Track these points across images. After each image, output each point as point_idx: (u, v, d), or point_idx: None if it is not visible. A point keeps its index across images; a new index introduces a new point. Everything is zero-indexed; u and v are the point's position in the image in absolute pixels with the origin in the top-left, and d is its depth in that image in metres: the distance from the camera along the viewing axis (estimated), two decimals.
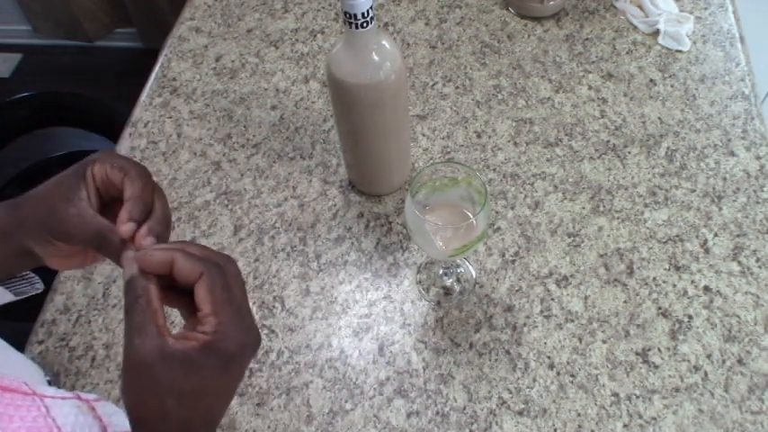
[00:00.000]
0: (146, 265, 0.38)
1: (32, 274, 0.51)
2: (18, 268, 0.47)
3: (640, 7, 0.88)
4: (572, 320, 0.64)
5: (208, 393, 0.37)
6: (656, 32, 0.86)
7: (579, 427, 0.58)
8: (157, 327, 0.36)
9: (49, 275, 0.71)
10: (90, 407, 0.40)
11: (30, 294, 0.51)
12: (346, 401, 0.60)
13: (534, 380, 0.60)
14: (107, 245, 0.41)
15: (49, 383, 0.61)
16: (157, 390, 0.35)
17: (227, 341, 0.36)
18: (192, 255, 0.38)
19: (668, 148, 0.75)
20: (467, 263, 0.68)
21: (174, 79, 0.88)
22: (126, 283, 0.38)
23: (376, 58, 0.58)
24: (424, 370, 0.62)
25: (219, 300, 0.36)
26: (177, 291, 0.39)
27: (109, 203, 0.44)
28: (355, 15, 0.53)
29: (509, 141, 0.77)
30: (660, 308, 0.64)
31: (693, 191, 0.72)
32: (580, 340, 0.62)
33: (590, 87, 0.82)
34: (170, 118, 0.84)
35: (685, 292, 0.65)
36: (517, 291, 0.66)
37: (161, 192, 0.44)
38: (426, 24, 0.90)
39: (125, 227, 0.40)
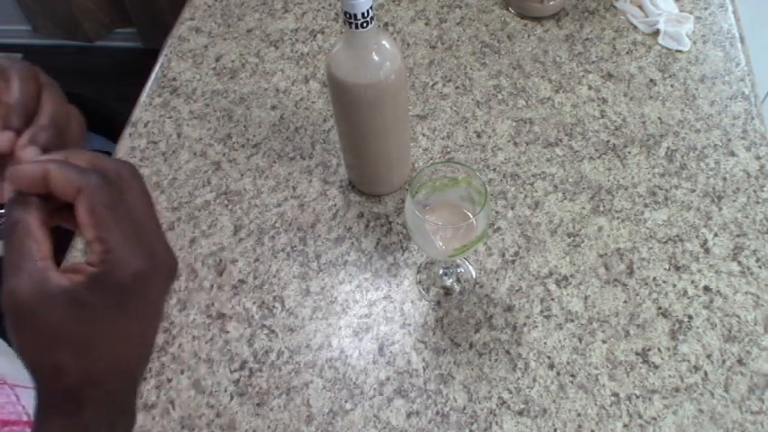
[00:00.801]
0: (17, 181, 0.31)
1: None
2: None
3: (640, 7, 0.88)
4: (572, 320, 0.64)
5: (107, 339, 0.30)
6: (656, 32, 0.86)
7: (579, 427, 0.58)
8: (36, 261, 0.29)
9: None
10: None
11: None
12: (346, 401, 0.60)
13: (534, 380, 0.60)
14: None
15: None
16: (43, 338, 0.29)
17: (117, 270, 0.30)
18: (70, 165, 0.31)
19: (668, 148, 0.75)
20: (467, 263, 0.68)
21: (174, 79, 0.88)
22: (5, 209, 0.31)
23: (376, 58, 0.58)
24: (424, 370, 0.62)
25: (103, 221, 0.30)
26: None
27: None
28: (355, 15, 0.53)
29: (509, 141, 0.77)
30: (660, 308, 0.64)
31: (693, 191, 0.72)
32: (580, 340, 0.62)
33: (590, 87, 0.82)
34: (170, 118, 0.84)
35: (685, 292, 0.65)
36: (517, 291, 0.66)
37: (52, 90, 0.37)
38: (426, 24, 0.90)
39: (0, 137, 0.34)
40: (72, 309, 0.29)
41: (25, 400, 0.36)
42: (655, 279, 0.66)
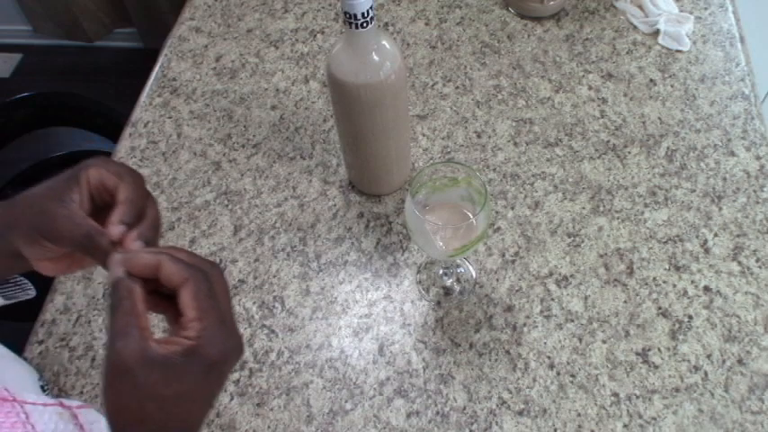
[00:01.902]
0: (132, 267, 0.38)
1: (25, 280, 0.51)
2: (7, 271, 0.47)
3: (640, 7, 0.88)
4: (572, 320, 0.64)
5: (188, 399, 0.36)
6: (656, 32, 0.86)
7: (579, 427, 0.58)
8: (140, 330, 0.35)
9: (45, 278, 0.71)
10: (72, 414, 0.40)
11: (21, 299, 0.51)
12: (346, 401, 0.60)
13: (534, 380, 0.60)
14: (95, 247, 0.40)
15: (43, 389, 0.61)
16: (137, 394, 0.35)
17: (209, 347, 0.36)
18: (179, 259, 0.38)
19: (668, 148, 0.75)
20: (467, 263, 0.68)
21: (174, 79, 0.88)
22: (111, 285, 0.37)
23: (376, 58, 0.58)
24: (424, 370, 0.62)
25: (203, 306, 0.36)
26: (162, 296, 0.39)
27: (101, 209, 0.44)
28: (355, 15, 0.53)
29: (509, 141, 0.77)
30: (660, 308, 0.64)
31: (693, 191, 0.72)
32: (580, 340, 0.62)
33: (590, 87, 0.82)
34: (170, 118, 0.84)
35: (685, 292, 0.65)
36: (517, 291, 0.66)
37: (153, 200, 0.44)
38: (426, 24, 0.90)
39: (115, 228, 0.40)
40: (167, 372, 0.35)
41: (35, 419, 0.36)
42: (655, 279, 0.66)
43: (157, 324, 0.64)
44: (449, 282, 0.67)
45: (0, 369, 0.55)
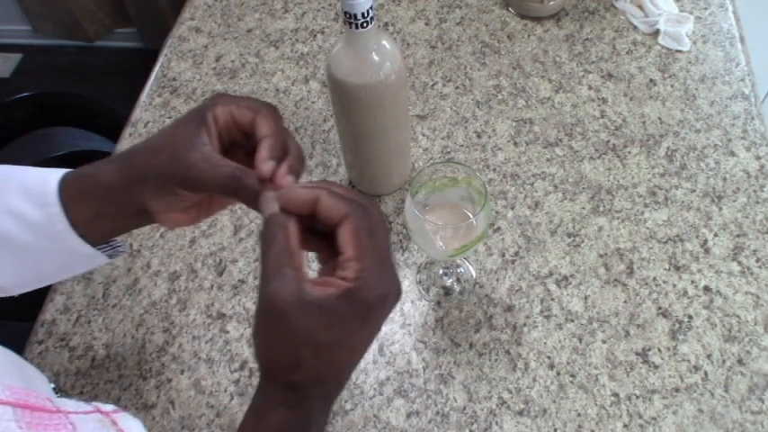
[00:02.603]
0: (289, 203, 0.35)
1: (115, 239, 0.48)
2: (127, 228, 0.46)
3: (640, 7, 0.88)
4: (572, 320, 0.64)
5: (344, 346, 0.34)
6: (656, 32, 0.86)
7: (579, 427, 0.58)
8: (295, 270, 0.33)
9: None
10: (111, 420, 0.39)
11: (119, 257, 0.49)
12: (346, 401, 0.60)
13: (534, 380, 0.60)
14: (243, 188, 0.38)
15: (55, 391, 0.61)
16: (292, 339, 0.33)
17: (368, 289, 0.33)
18: (338, 194, 0.35)
19: (668, 148, 0.75)
20: (467, 263, 0.68)
21: (174, 79, 0.88)
22: (264, 222, 0.35)
23: (376, 58, 0.58)
24: (424, 370, 0.62)
25: (364, 244, 0.34)
26: (315, 234, 0.37)
27: (229, 149, 0.42)
28: (355, 15, 0.53)
29: (509, 141, 0.77)
30: (660, 308, 0.64)
31: (693, 191, 0.72)
32: (580, 340, 0.62)
33: (590, 87, 0.82)
34: (170, 118, 0.84)
35: (685, 292, 0.65)
36: (517, 291, 0.66)
37: (289, 133, 0.42)
38: (426, 24, 0.90)
39: (266, 165, 0.38)
40: (323, 316, 0.33)
41: (81, 428, 0.35)
42: (655, 279, 0.66)
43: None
44: (449, 282, 0.67)
45: (21, 374, 0.54)
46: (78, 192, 0.42)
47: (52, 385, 0.61)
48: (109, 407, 0.40)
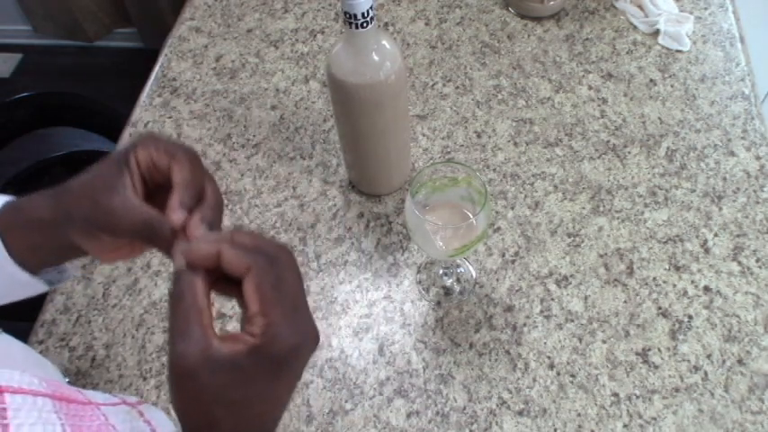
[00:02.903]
0: (192, 259, 0.35)
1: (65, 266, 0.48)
2: (63, 260, 0.45)
3: (640, 7, 0.88)
4: (572, 320, 0.64)
5: (258, 400, 0.34)
6: (656, 32, 0.86)
7: (579, 427, 0.58)
8: (202, 327, 0.33)
9: None
10: (138, 411, 0.39)
11: (61, 283, 0.48)
12: (346, 401, 0.60)
13: (534, 380, 0.60)
14: (156, 236, 0.38)
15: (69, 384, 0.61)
16: (204, 398, 0.32)
17: (276, 344, 0.32)
18: (241, 246, 0.34)
19: (668, 148, 0.75)
20: (467, 263, 0.68)
21: (174, 79, 0.88)
22: (173, 278, 0.35)
23: (376, 58, 0.58)
24: (424, 370, 0.62)
25: (268, 297, 0.33)
26: (233, 281, 0.36)
27: (155, 192, 0.41)
28: (355, 15, 0.53)
29: (509, 141, 0.77)
30: (660, 308, 0.64)
31: (693, 191, 0.72)
32: (580, 340, 0.62)
33: (590, 87, 0.82)
34: (170, 118, 0.84)
35: (685, 292, 0.65)
36: (517, 291, 0.66)
37: (210, 176, 0.41)
38: (426, 24, 0.90)
39: (175, 215, 0.37)
40: (232, 374, 0.32)
41: (113, 420, 0.35)
42: (655, 279, 0.66)
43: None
44: (449, 282, 0.67)
45: (45, 369, 0.52)
46: (13, 223, 0.42)
47: (67, 379, 0.61)
48: (133, 398, 0.40)
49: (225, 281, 0.35)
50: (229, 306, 0.67)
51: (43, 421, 0.30)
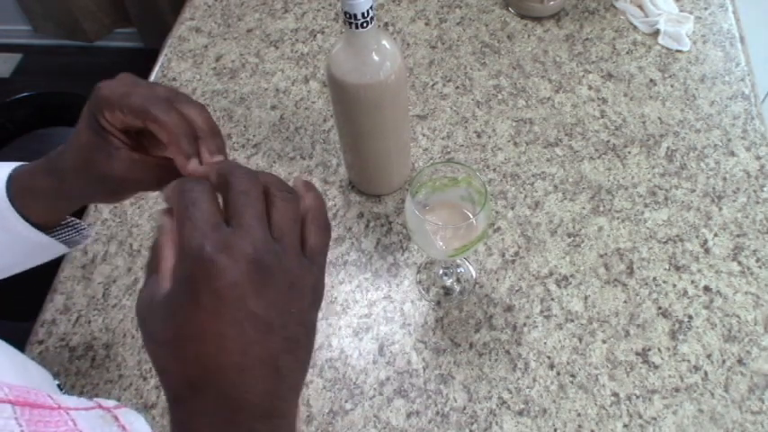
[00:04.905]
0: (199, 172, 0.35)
1: (77, 220, 0.49)
2: (67, 212, 0.47)
3: (640, 7, 0.88)
4: (572, 320, 0.64)
5: (187, 337, 0.28)
6: (656, 32, 0.86)
7: (579, 427, 0.58)
8: (154, 275, 0.30)
9: (48, 277, 0.71)
10: (113, 416, 0.39)
11: (82, 244, 0.50)
12: (346, 401, 0.60)
13: (534, 380, 0.60)
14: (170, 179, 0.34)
15: (60, 387, 0.61)
16: (150, 345, 0.29)
17: (186, 262, 0.28)
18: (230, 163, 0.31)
19: (668, 148, 0.75)
20: (467, 263, 0.68)
21: (174, 79, 0.88)
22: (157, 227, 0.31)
23: (376, 58, 0.58)
24: (424, 370, 0.62)
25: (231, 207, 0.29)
26: None
27: (140, 132, 0.40)
28: (355, 15, 0.53)
29: (509, 141, 0.77)
30: (660, 308, 0.64)
31: (693, 191, 0.72)
32: (580, 340, 0.62)
33: (590, 87, 0.82)
34: None
35: (685, 292, 0.65)
36: (517, 291, 0.66)
37: (188, 103, 0.38)
38: (426, 24, 0.90)
39: (191, 166, 0.36)
40: (160, 310, 0.28)
41: (82, 425, 0.34)
42: (655, 279, 0.66)
43: None
44: (449, 282, 0.67)
45: (22, 371, 0.52)
46: (26, 188, 0.44)
47: (57, 382, 0.61)
48: (110, 402, 0.40)
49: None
50: None
51: (1, 427, 0.30)
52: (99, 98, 0.39)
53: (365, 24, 0.54)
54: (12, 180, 0.44)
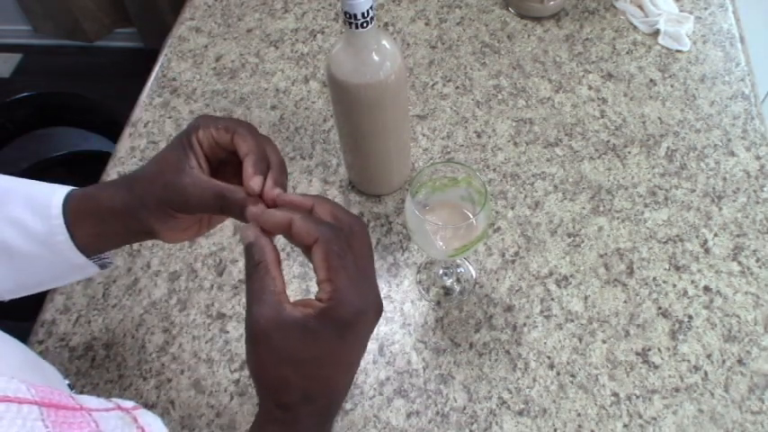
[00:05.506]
0: (266, 224, 0.38)
1: None
2: (124, 244, 0.49)
3: (640, 7, 0.88)
4: (572, 320, 0.64)
5: (326, 362, 0.36)
6: (656, 32, 0.86)
7: (579, 427, 0.58)
8: (275, 294, 0.36)
9: None
10: (132, 417, 0.39)
11: (107, 268, 0.52)
12: (346, 401, 0.60)
13: (534, 380, 0.60)
14: (229, 204, 0.41)
15: (70, 387, 0.61)
16: (274, 358, 0.35)
17: (342, 308, 0.35)
18: (311, 217, 0.37)
19: (668, 148, 0.75)
20: (467, 263, 0.68)
21: (174, 79, 0.88)
22: (245, 249, 0.38)
23: (376, 58, 0.58)
24: (424, 370, 0.62)
25: (334, 265, 0.36)
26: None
27: (217, 167, 0.45)
28: (355, 15, 0.53)
29: (509, 141, 0.77)
30: (660, 308, 0.64)
31: (693, 191, 0.72)
32: (580, 340, 0.62)
33: (590, 87, 0.82)
34: (170, 118, 0.84)
35: (685, 292, 0.65)
36: (517, 291, 0.66)
37: (269, 140, 0.44)
38: (426, 24, 0.90)
39: (253, 181, 0.41)
40: (302, 335, 0.35)
41: (104, 426, 0.36)
42: (655, 279, 0.66)
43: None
44: (449, 282, 0.67)
45: (40, 372, 0.52)
46: (83, 210, 0.46)
47: (67, 381, 0.61)
48: (129, 403, 0.40)
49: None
50: (229, 306, 0.67)
51: (27, 430, 0.30)
52: (197, 119, 0.45)
53: (365, 24, 0.54)
54: (72, 200, 0.46)
